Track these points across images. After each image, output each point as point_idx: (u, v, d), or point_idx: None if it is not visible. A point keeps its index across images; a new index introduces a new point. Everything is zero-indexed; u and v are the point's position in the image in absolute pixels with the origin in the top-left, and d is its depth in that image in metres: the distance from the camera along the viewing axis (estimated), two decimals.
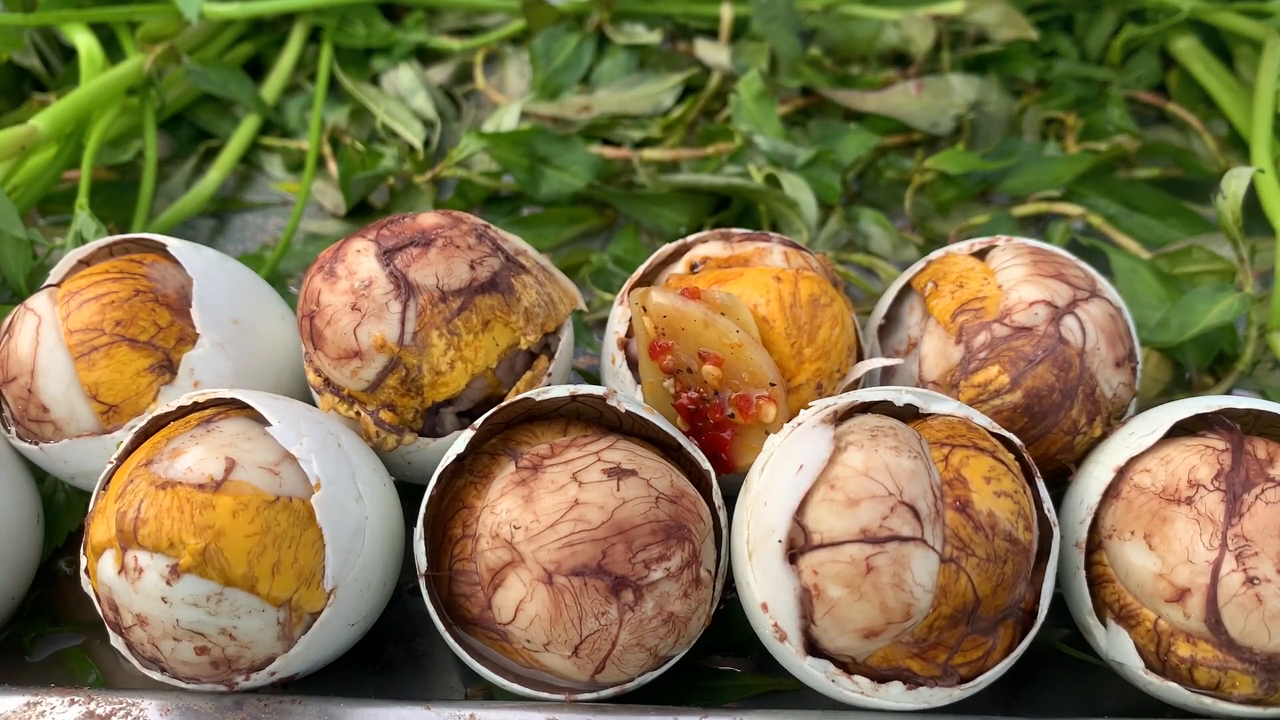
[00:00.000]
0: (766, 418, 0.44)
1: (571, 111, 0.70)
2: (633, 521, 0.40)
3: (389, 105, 0.71)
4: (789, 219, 0.62)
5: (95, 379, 0.46)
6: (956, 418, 0.43)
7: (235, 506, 0.39)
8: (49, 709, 0.42)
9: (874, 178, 0.68)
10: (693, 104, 0.71)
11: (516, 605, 0.40)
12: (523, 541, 0.39)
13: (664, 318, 0.45)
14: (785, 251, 0.48)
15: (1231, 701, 0.41)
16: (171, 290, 0.48)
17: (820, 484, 0.40)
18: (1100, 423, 0.46)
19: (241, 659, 0.41)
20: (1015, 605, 0.41)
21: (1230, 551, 0.39)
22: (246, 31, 0.75)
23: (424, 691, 0.47)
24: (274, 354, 0.50)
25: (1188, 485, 0.41)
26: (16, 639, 0.48)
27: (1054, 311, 0.46)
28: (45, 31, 0.72)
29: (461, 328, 0.45)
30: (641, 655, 0.41)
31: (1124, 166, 0.68)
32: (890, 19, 0.73)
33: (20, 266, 0.55)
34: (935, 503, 0.39)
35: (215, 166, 0.67)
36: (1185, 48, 0.72)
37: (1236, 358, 0.56)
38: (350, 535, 0.41)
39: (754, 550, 0.41)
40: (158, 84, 0.67)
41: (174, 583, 0.39)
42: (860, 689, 0.40)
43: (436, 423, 0.47)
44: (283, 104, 0.72)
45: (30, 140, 0.58)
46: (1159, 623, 0.41)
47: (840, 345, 0.46)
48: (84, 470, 0.47)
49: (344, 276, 0.45)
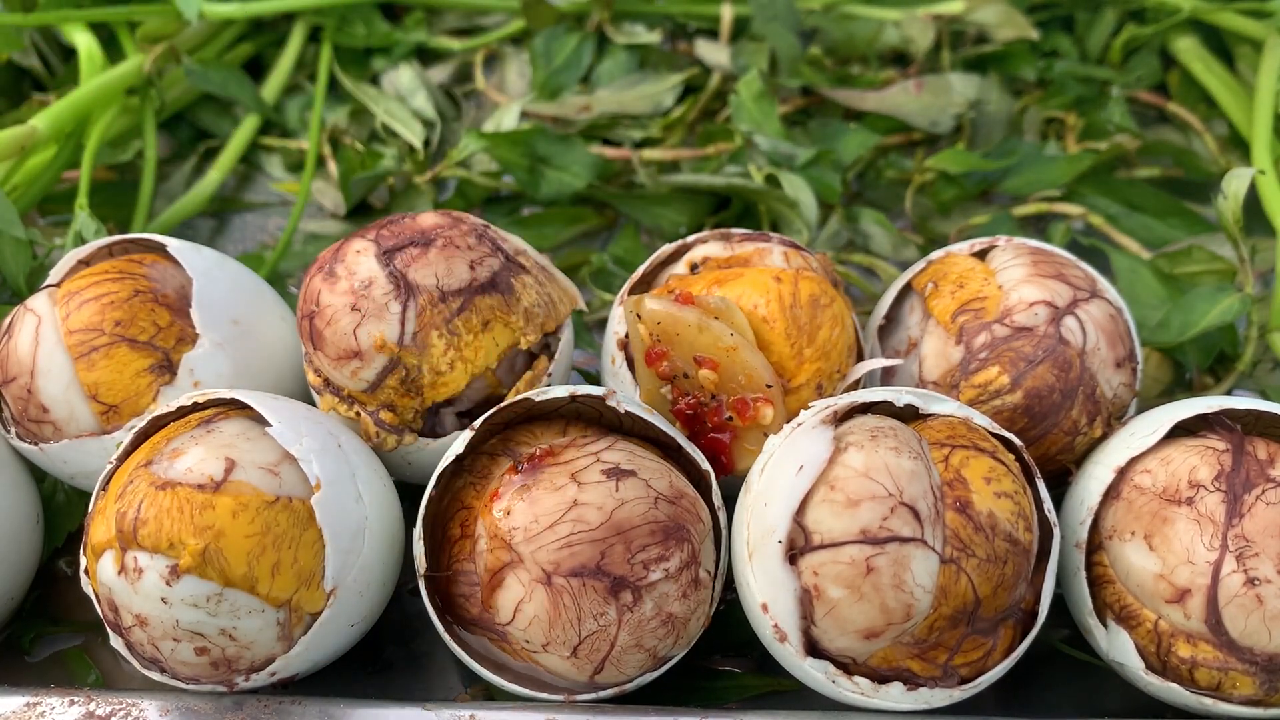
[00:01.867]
0: (764, 419, 0.44)
1: (571, 111, 0.70)
2: (631, 522, 0.40)
3: (389, 105, 0.71)
4: (789, 219, 0.62)
5: (95, 379, 0.46)
6: (957, 418, 0.43)
7: (235, 507, 0.39)
8: (49, 709, 0.42)
9: (874, 177, 0.68)
10: (693, 104, 0.71)
11: (515, 606, 0.40)
12: (522, 542, 0.39)
13: (658, 324, 0.45)
14: (785, 252, 0.48)
15: (1232, 702, 0.40)
16: (171, 290, 0.48)
17: (820, 484, 0.40)
18: (1100, 423, 0.46)
19: (241, 659, 0.41)
20: (1015, 606, 0.41)
21: (1231, 552, 0.39)
22: (246, 31, 0.75)
23: (423, 692, 0.47)
24: (274, 354, 0.50)
25: (1188, 486, 0.41)
26: (16, 639, 0.48)
27: (1054, 312, 0.46)
28: (45, 31, 0.72)
29: (461, 328, 0.45)
30: (640, 656, 0.41)
31: (1124, 166, 0.68)
32: (890, 19, 0.73)
33: (20, 266, 0.55)
34: (935, 503, 0.39)
35: (215, 166, 0.67)
36: (1185, 47, 0.72)
37: (1237, 358, 0.56)
38: (350, 535, 0.41)
39: (754, 551, 0.41)
40: (158, 84, 0.67)
41: (174, 583, 0.39)
42: (860, 690, 0.40)
43: (436, 423, 0.47)
44: (283, 104, 0.72)
45: (30, 140, 0.58)
46: (1159, 623, 0.41)
47: (840, 345, 0.46)
48: (84, 470, 0.47)
49: (344, 277, 0.45)
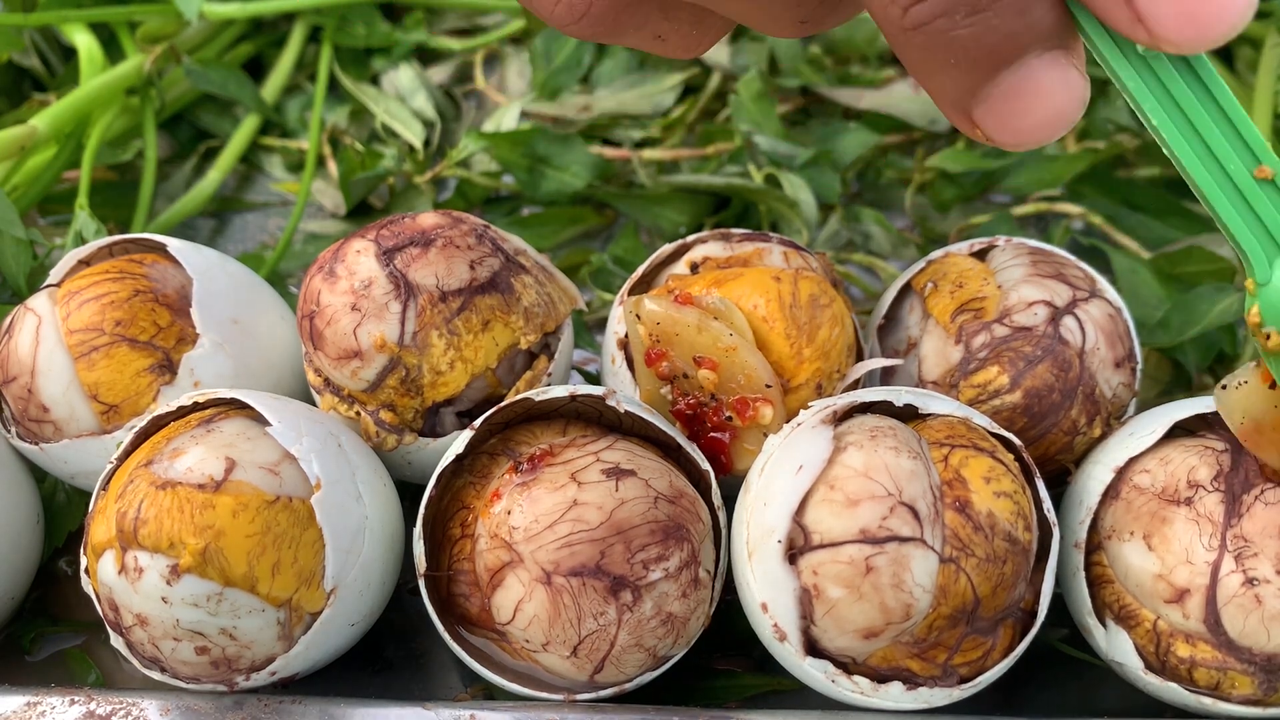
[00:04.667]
0: (764, 419, 0.44)
1: (571, 111, 0.70)
2: (631, 522, 0.40)
3: (389, 105, 0.71)
4: (789, 219, 0.62)
5: (95, 379, 0.46)
6: (956, 418, 0.43)
7: (235, 506, 0.39)
8: (49, 709, 0.42)
9: (874, 177, 0.68)
10: (693, 104, 0.71)
11: (515, 605, 0.40)
12: (521, 542, 0.39)
13: (657, 324, 0.45)
14: (785, 252, 0.48)
15: (1231, 702, 0.41)
16: (171, 290, 0.48)
17: (820, 484, 0.40)
18: (1100, 423, 0.46)
19: (242, 659, 0.41)
20: (1015, 605, 0.41)
21: (1229, 552, 0.39)
22: (246, 31, 0.75)
23: (424, 691, 0.47)
24: (274, 354, 0.50)
25: (1187, 486, 0.41)
26: (16, 639, 0.48)
27: (1054, 312, 0.46)
28: (45, 31, 0.72)
29: (461, 328, 0.45)
30: (640, 655, 0.41)
31: (1124, 166, 0.68)
32: None
33: (20, 266, 0.55)
34: (935, 503, 0.39)
35: (215, 166, 0.67)
36: None
37: (1236, 358, 0.56)
38: (350, 535, 0.42)
39: (753, 550, 0.41)
40: (158, 84, 0.67)
41: (174, 583, 0.39)
42: (860, 689, 0.40)
43: (436, 423, 0.47)
44: (283, 104, 0.72)
45: (30, 140, 0.58)
46: (1158, 623, 0.41)
47: (840, 345, 0.46)
48: (84, 470, 0.47)
49: (344, 276, 0.45)
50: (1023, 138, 0.31)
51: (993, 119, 0.31)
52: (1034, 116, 0.30)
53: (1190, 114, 0.31)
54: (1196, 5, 0.28)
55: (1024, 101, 0.30)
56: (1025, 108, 0.30)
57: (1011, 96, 0.30)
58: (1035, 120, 0.30)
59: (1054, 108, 0.30)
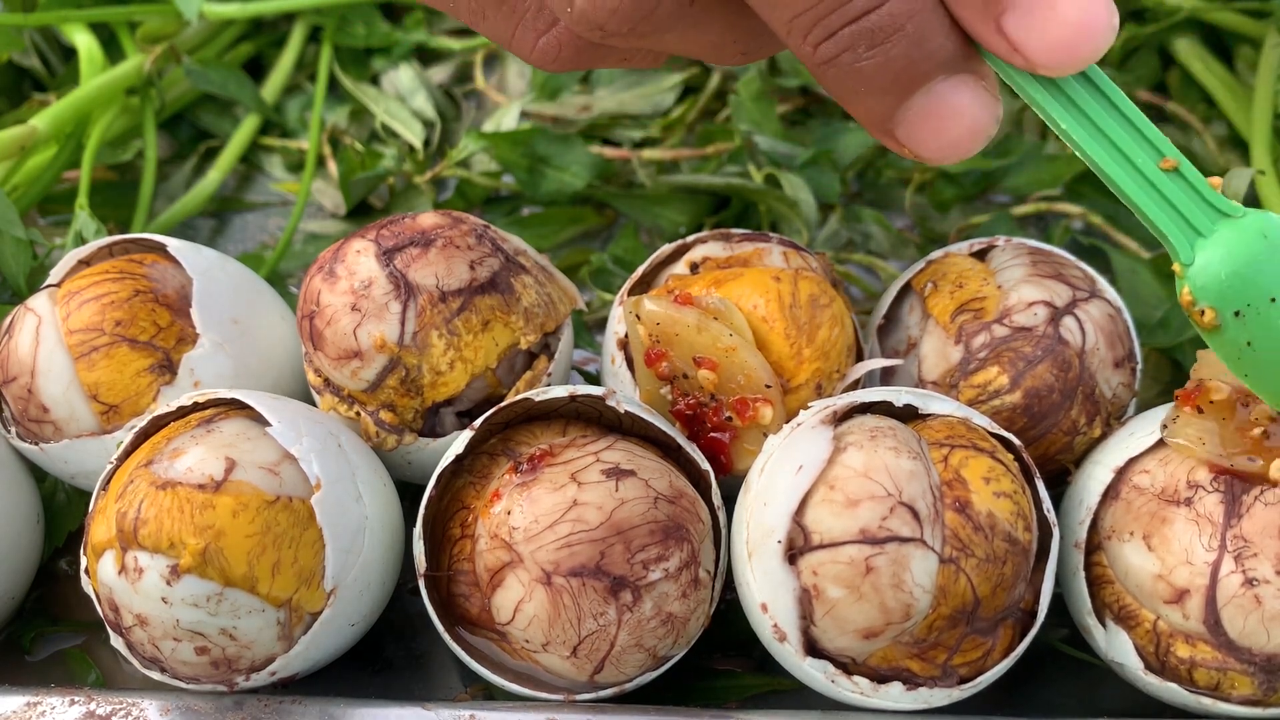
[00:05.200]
0: (763, 419, 0.44)
1: (571, 111, 0.70)
2: (631, 522, 0.40)
3: (389, 105, 0.71)
4: (789, 219, 0.62)
5: (95, 379, 0.46)
6: (956, 418, 0.43)
7: (235, 507, 0.39)
8: (49, 709, 0.42)
9: (874, 177, 0.68)
10: (692, 104, 0.71)
11: (515, 605, 0.40)
12: (521, 542, 0.39)
13: (657, 324, 0.45)
14: (785, 252, 0.48)
15: (1230, 702, 0.41)
16: (171, 290, 0.48)
17: (820, 484, 0.40)
18: (1100, 423, 0.46)
19: (241, 659, 0.41)
20: (1015, 605, 0.41)
21: (1229, 553, 0.39)
22: (246, 31, 0.75)
23: (423, 691, 0.47)
24: (274, 354, 0.50)
25: (1186, 486, 0.41)
26: (16, 639, 0.48)
27: (1053, 312, 0.46)
28: (45, 31, 0.72)
29: (461, 328, 0.45)
30: (640, 655, 0.41)
31: None
32: None
33: (20, 266, 0.55)
34: (934, 503, 0.39)
35: (215, 166, 0.67)
36: (1185, 47, 0.72)
37: None
38: (350, 535, 0.42)
39: (753, 551, 0.41)
40: (158, 84, 0.67)
41: (174, 583, 0.39)
42: (860, 689, 0.40)
43: (436, 423, 0.47)
44: (283, 104, 0.72)
45: (30, 140, 0.58)
46: (1158, 623, 0.41)
47: (839, 345, 0.46)
48: (84, 470, 0.47)
49: (344, 277, 0.45)
50: (945, 153, 0.34)
51: (914, 138, 0.34)
52: (950, 134, 0.33)
53: (1094, 118, 0.34)
54: (1061, 34, 0.31)
55: (938, 121, 0.33)
56: (940, 127, 0.33)
57: (926, 117, 0.33)
58: (951, 137, 0.33)
59: (967, 125, 0.33)
